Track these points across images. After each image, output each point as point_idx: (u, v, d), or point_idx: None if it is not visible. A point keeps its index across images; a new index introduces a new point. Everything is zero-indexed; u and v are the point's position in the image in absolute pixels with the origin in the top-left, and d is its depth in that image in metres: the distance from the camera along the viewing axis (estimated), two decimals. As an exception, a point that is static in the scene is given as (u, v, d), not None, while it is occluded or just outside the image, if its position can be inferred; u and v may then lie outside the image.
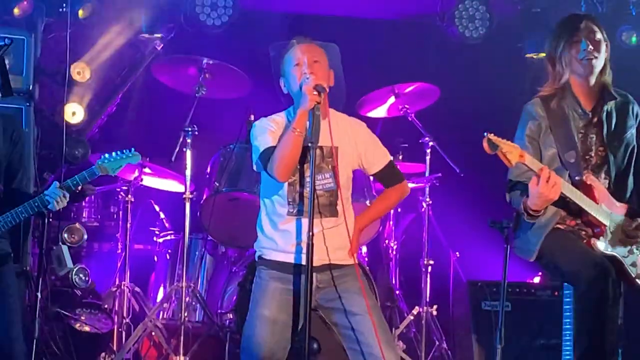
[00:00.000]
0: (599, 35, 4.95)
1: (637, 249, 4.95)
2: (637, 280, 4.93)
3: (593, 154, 4.99)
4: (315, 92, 4.43)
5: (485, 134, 4.52)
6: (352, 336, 4.55)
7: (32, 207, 5.03)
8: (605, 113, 5.01)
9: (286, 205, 4.60)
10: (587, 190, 4.84)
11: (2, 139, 5.15)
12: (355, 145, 4.73)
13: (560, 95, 4.98)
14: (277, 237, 4.63)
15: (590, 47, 4.91)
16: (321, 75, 4.54)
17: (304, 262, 4.46)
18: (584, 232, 4.93)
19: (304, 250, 4.45)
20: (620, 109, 5.06)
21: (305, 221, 4.49)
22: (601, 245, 4.86)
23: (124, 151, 5.28)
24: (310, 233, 4.37)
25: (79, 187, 5.16)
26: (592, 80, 4.97)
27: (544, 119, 4.97)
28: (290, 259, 4.60)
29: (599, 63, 4.95)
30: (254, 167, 4.70)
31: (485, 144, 4.52)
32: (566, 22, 5.03)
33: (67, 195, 5.05)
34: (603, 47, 4.96)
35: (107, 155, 5.20)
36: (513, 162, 4.57)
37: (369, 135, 4.83)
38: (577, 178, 4.85)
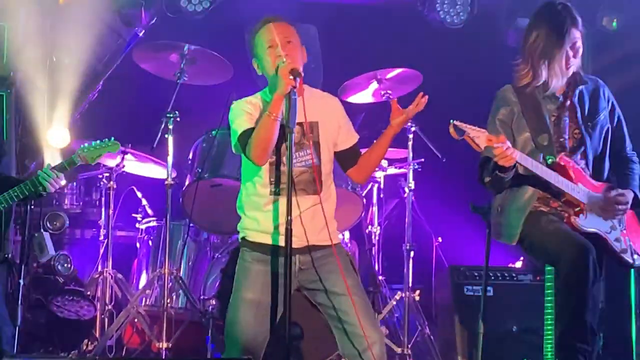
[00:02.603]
0: (579, 42, 4.99)
1: (619, 225, 5.00)
2: (622, 255, 4.99)
3: (568, 137, 5.03)
4: (291, 77, 4.41)
5: (451, 120, 4.55)
6: (336, 316, 4.57)
7: (22, 191, 5.02)
8: (577, 97, 5.05)
9: (268, 185, 4.59)
10: (563, 171, 4.88)
11: None
12: (334, 118, 4.75)
13: (532, 83, 5.02)
14: (260, 218, 4.62)
15: (573, 58, 4.97)
16: (295, 55, 4.53)
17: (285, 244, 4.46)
18: (566, 213, 4.96)
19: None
20: (591, 92, 5.12)
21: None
22: (581, 222, 4.90)
23: (104, 140, 5.29)
24: (289, 217, 4.35)
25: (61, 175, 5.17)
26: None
27: (516, 104, 5.02)
28: (272, 240, 4.59)
29: (576, 64, 5.02)
30: (233, 150, 4.69)
31: (451, 130, 4.56)
32: (550, 30, 4.98)
33: (62, 176, 5.06)
34: (581, 49, 5.02)
35: (86, 144, 5.21)
36: (482, 146, 4.61)
37: (343, 110, 4.85)
38: (550, 160, 4.90)
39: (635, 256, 5.05)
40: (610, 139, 5.13)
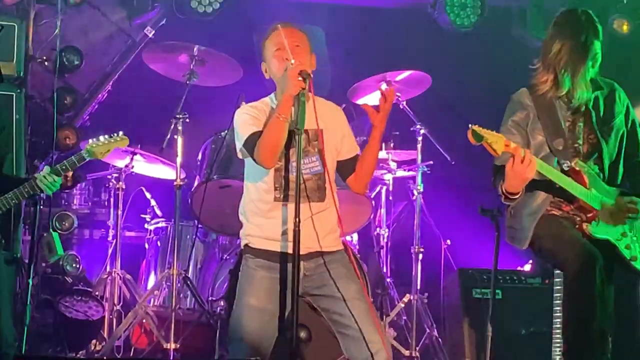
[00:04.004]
0: (599, 52, 4.98)
1: (630, 232, 4.98)
2: (631, 262, 4.96)
3: (583, 142, 5.01)
4: (300, 78, 4.41)
5: (470, 125, 4.54)
6: (340, 321, 4.56)
7: (22, 193, 5.03)
8: (592, 102, 5.03)
9: (272, 191, 4.59)
10: (577, 176, 4.86)
11: None
12: (338, 127, 4.75)
13: (552, 91, 5.01)
14: (264, 224, 4.62)
15: (592, 68, 4.97)
16: (303, 59, 4.53)
17: (290, 250, 4.46)
18: (578, 218, 4.95)
19: (291, 238, 4.43)
20: (607, 96, 5.10)
21: (292, 207, 4.46)
22: (593, 230, 4.88)
23: (112, 135, 5.30)
24: (297, 219, 4.35)
25: (69, 172, 5.17)
26: None
27: (532, 108, 5.00)
28: (277, 247, 4.59)
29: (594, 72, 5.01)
30: (239, 155, 4.68)
31: (469, 136, 4.54)
32: (575, 43, 4.95)
33: (58, 179, 5.06)
34: (600, 59, 5.01)
35: (95, 139, 5.22)
36: (499, 152, 4.60)
37: (346, 120, 4.86)
38: (565, 165, 4.88)
39: None
40: (625, 143, 5.11)
